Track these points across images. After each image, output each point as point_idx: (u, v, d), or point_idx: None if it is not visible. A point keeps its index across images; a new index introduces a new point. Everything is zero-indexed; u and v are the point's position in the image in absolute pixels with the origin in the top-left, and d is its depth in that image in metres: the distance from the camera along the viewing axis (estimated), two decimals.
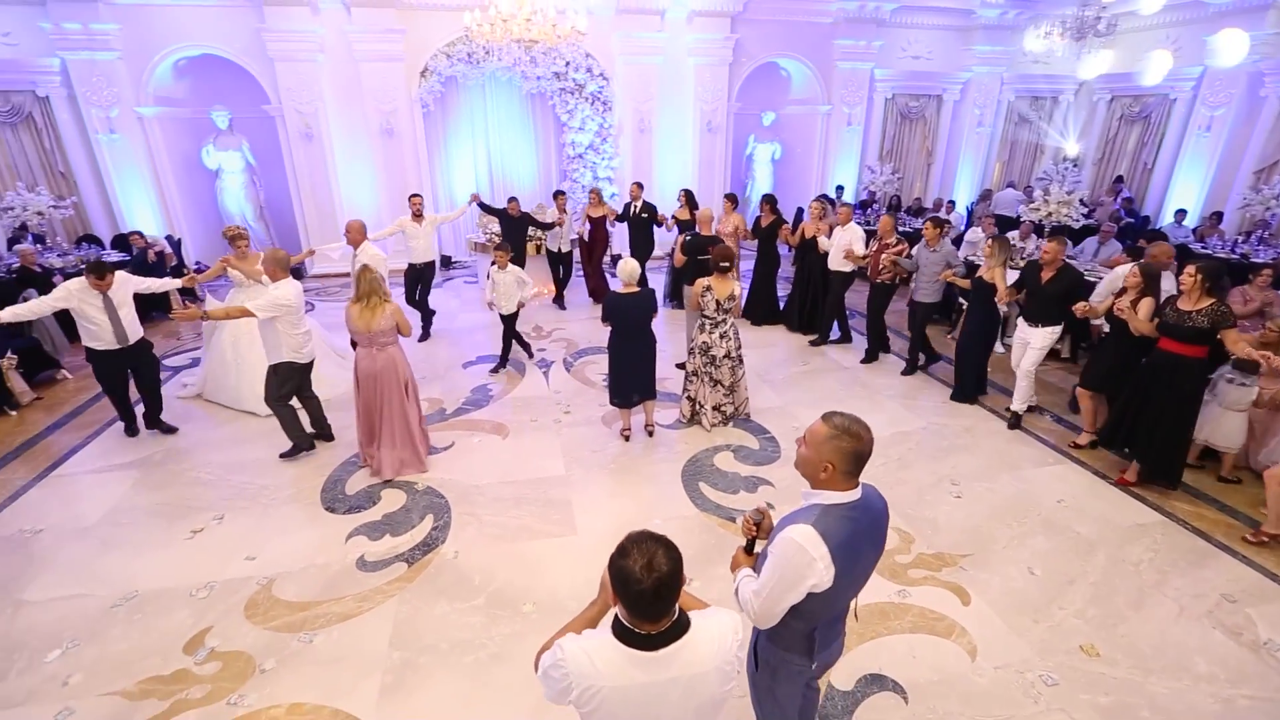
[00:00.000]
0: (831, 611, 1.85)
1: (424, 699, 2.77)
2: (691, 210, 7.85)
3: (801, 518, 1.73)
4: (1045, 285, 4.85)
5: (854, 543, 1.73)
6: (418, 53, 9.43)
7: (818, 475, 1.75)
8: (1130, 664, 2.97)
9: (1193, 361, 3.95)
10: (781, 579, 1.70)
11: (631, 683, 1.42)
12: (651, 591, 1.37)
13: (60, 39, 8.23)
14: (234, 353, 5.44)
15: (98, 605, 3.29)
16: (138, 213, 9.16)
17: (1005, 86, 12.39)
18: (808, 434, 1.79)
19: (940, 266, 5.83)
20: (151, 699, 2.76)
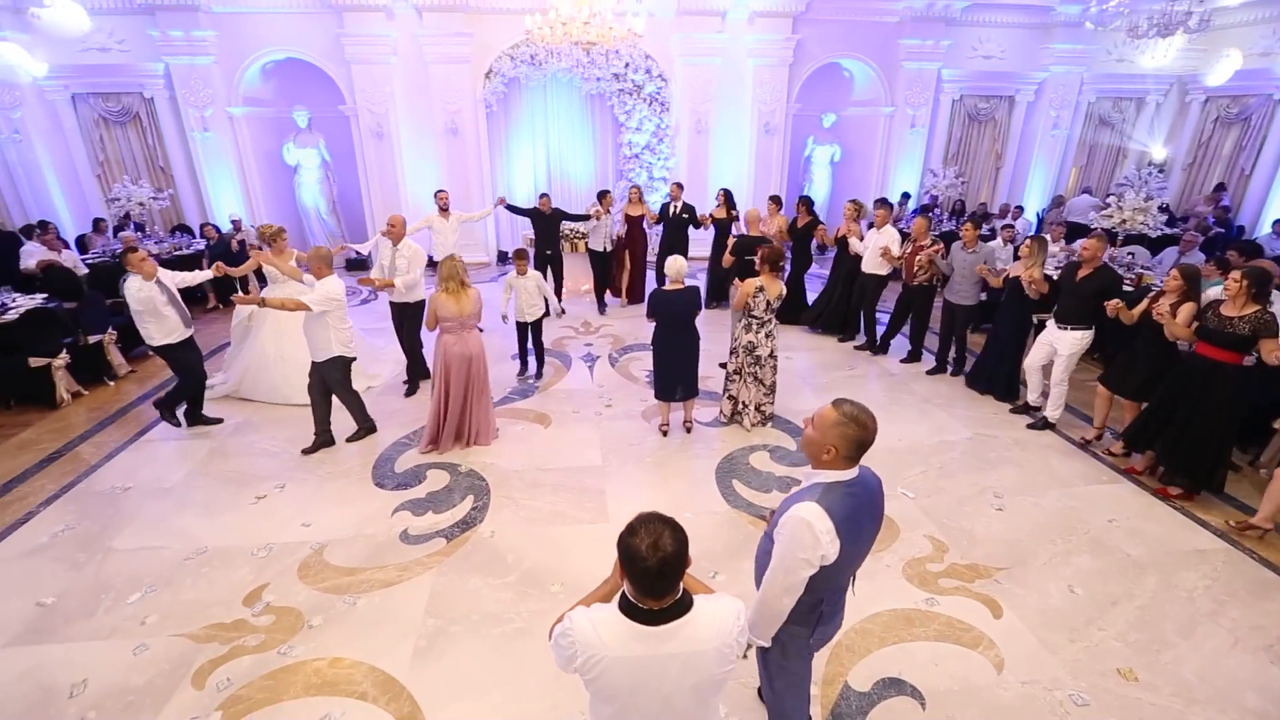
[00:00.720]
0: (836, 583, 1.98)
1: (452, 664, 2.94)
2: (729, 210, 7.88)
3: (806, 496, 1.84)
4: (1080, 283, 4.74)
5: (856, 517, 1.86)
6: (483, 55, 9.79)
7: (820, 457, 1.86)
8: (1171, 691, 2.83)
9: (1229, 368, 3.87)
10: (794, 554, 1.81)
11: (632, 655, 1.51)
12: (656, 570, 1.45)
13: (165, 45, 9.00)
14: (276, 348, 5.50)
15: (173, 557, 3.64)
16: (224, 205, 9.88)
17: (1086, 87, 11.76)
18: (816, 417, 1.89)
19: (974, 267, 5.77)
20: (214, 643, 3.04)
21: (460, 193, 10.19)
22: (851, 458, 1.85)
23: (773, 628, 1.99)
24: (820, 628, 2.06)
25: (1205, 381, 3.95)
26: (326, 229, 10.59)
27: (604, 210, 8.07)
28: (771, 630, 2.00)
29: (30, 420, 5.32)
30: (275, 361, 5.48)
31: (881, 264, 6.54)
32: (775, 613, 1.94)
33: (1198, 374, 3.99)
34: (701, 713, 1.62)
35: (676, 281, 4.78)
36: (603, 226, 8.08)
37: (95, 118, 9.58)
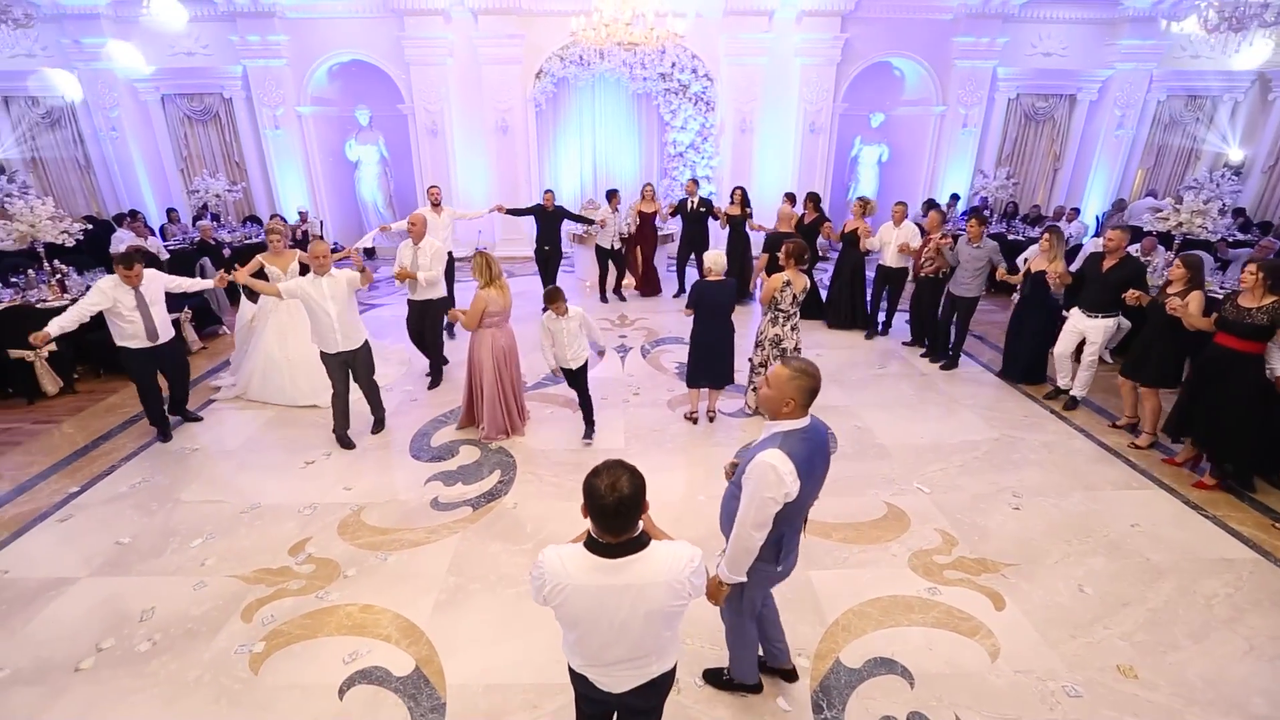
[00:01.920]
0: (796, 519, 2.27)
1: (468, 617, 3.19)
2: (744, 208, 8.03)
3: (768, 444, 2.09)
4: (1106, 274, 4.94)
5: (811, 458, 2.15)
6: (534, 56, 10.14)
7: (780, 410, 2.11)
8: (1171, 691, 2.82)
9: (1249, 358, 3.98)
10: (763, 494, 2.06)
11: (591, 583, 1.70)
12: (613, 507, 1.64)
13: (244, 49, 9.71)
14: (281, 350, 5.44)
15: (230, 510, 4.04)
16: (291, 197, 10.57)
17: (1155, 85, 11.21)
18: (770, 377, 2.12)
19: (982, 262, 5.86)
20: (261, 585, 3.39)
21: (508, 189, 10.60)
22: (805, 406, 2.13)
23: (747, 562, 2.22)
24: (784, 561, 2.36)
25: (1228, 371, 4.05)
26: (382, 221, 11.14)
27: (611, 210, 8.17)
28: (746, 565, 2.23)
29: (116, 387, 5.91)
30: (281, 363, 5.45)
31: (903, 258, 6.74)
32: (748, 548, 2.18)
33: (1221, 362, 4.09)
34: (653, 641, 1.81)
35: (715, 274, 4.92)
36: (611, 224, 8.17)
37: (181, 116, 10.42)
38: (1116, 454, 4.81)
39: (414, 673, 2.87)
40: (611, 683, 1.89)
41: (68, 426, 5.20)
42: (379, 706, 2.71)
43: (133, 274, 4.51)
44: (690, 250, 8.50)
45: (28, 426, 5.22)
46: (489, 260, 4.64)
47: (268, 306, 5.54)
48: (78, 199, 10.60)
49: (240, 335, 5.82)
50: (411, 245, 5.62)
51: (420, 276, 5.55)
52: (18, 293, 6.05)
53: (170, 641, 3.03)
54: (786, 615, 3.18)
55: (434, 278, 5.64)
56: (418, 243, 5.62)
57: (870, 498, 4.25)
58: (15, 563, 3.60)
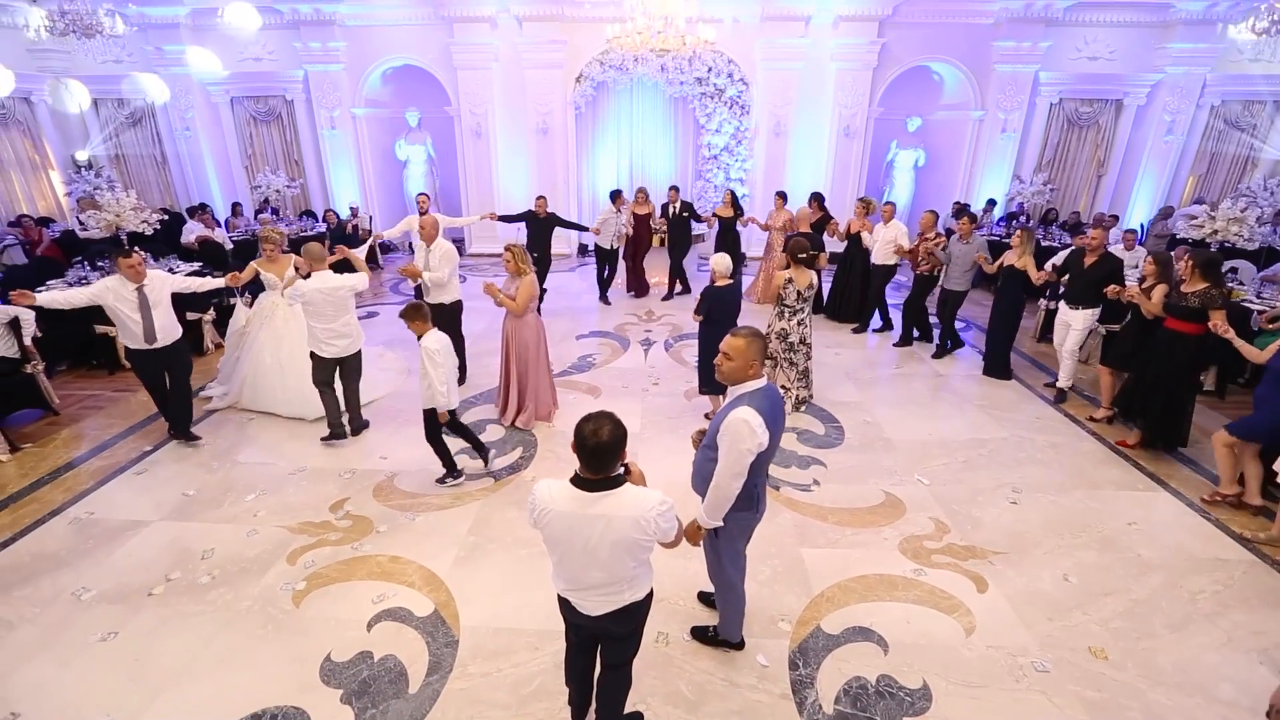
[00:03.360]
0: (763, 468, 2.56)
1: (483, 571, 3.54)
2: (734, 209, 8.35)
3: (737, 404, 2.40)
4: (1088, 270, 5.39)
5: (772, 412, 2.45)
6: (575, 60, 10.52)
7: (746, 374, 2.43)
8: (1139, 673, 2.94)
9: (1189, 338, 4.54)
10: (739, 448, 2.35)
11: (570, 510, 2.02)
12: (592, 449, 1.95)
13: (306, 55, 10.40)
14: (274, 356, 5.30)
15: (281, 471, 4.51)
16: (344, 194, 11.23)
17: (1209, 89, 10.89)
18: (729, 349, 2.42)
19: (971, 258, 6.20)
20: (304, 535, 3.82)
21: (548, 189, 10.95)
22: (761, 362, 2.47)
23: (723, 510, 2.52)
24: (758, 508, 2.68)
25: (1170, 349, 4.63)
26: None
27: (615, 211, 8.28)
28: (722, 512, 2.53)
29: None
30: (273, 370, 5.30)
31: (890, 255, 7.13)
32: (726, 496, 2.47)
33: (1164, 344, 4.67)
34: (621, 569, 2.10)
35: (723, 277, 5.13)
36: (611, 225, 8.24)
37: (247, 117, 11.20)
38: (1124, 457, 4.85)
39: (433, 614, 3.22)
40: (590, 606, 2.19)
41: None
42: (401, 639, 3.07)
43: (132, 262, 4.39)
44: (677, 250, 8.78)
45: (109, 394, 5.84)
46: (524, 251, 4.96)
47: (262, 313, 5.44)
48: (153, 192, 11.49)
49: (231, 343, 5.67)
50: (424, 246, 5.59)
51: (426, 277, 5.46)
52: (102, 276, 6.73)
53: (226, 576, 3.47)
54: (775, 586, 3.45)
55: (440, 279, 5.50)
56: (430, 244, 5.56)
57: (870, 486, 4.42)
58: (99, 507, 4.13)
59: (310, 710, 2.70)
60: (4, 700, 2.73)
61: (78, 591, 3.36)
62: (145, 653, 2.98)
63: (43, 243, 8.90)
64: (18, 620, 3.18)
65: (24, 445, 4.86)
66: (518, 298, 4.89)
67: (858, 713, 2.72)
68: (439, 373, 3.93)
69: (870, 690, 2.83)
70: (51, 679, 2.84)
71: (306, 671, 2.88)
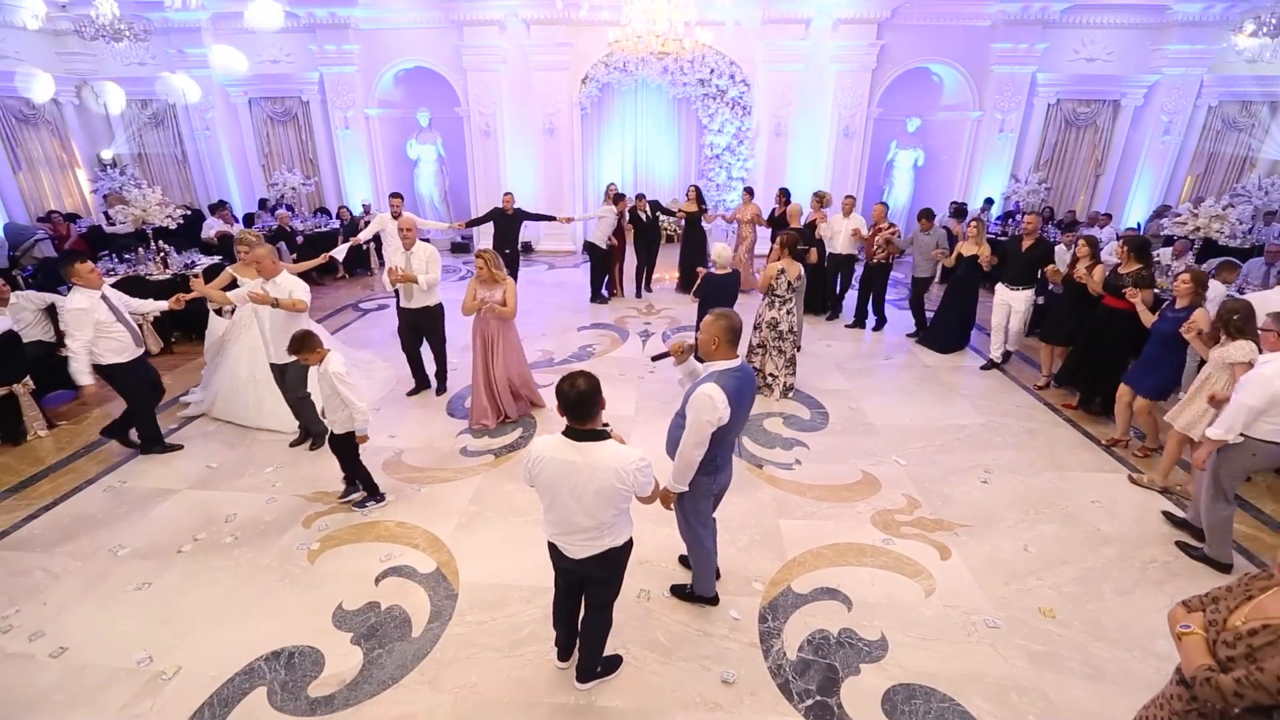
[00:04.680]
0: (726, 441, 2.80)
1: (481, 536, 3.84)
2: (699, 205, 8.72)
3: (706, 380, 2.67)
4: (1024, 252, 6.02)
5: (739, 392, 2.68)
6: (580, 63, 10.82)
7: (711, 349, 2.70)
8: (1083, 630, 3.18)
9: (1122, 314, 5.08)
10: (701, 417, 2.62)
11: (558, 457, 2.31)
12: (573, 399, 2.25)
13: (321, 57, 10.77)
14: (249, 369, 5.12)
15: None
16: (357, 191, 11.60)
17: (1206, 90, 11.01)
18: (701, 325, 2.71)
19: (932, 247, 6.73)
20: (319, 503, 4.15)
21: (554, 187, 11.35)
22: (731, 345, 2.71)
23: (688, 475, 2.79)
24: (718, 475, 2.94)
25: (1106, 324, 5.24)
26: (437, 215, 12.07)
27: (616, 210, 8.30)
28: (688, 477, 2.80)
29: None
30: (247, 383, 5.13)
31: (852, 244, 7.67)
32: (689, 462, 2.74)
33: (1102, 320, 5.29)
34: (603, 516, 2.39)
35: (723, 267, 5.43)
36: (606, 224, 8.26)
37: (264, 117, 11.59)
38: (1097, 442, 5.07)
39: (435, 572, 3.52)
40: (575, 550, 2.48)
41: (168, 378, 6.04)
42: (405, 592, 3.37)
43: (85, 268, 4.17)
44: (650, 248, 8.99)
45: None
46: (495, 255, 4.86)
47: (240, 323, 5.23)
48: (174, 190, 11.88)
49: (210, 352, 5.53)
50: (403, 251, 5.30)
51: (422, 280, 5.24)
52: (130, 267, 7.11)
53: (248, 538, 3.79)
54: (751, 552, 3.72)
55: (434, 281, 5.34)
56: (409, 248, 5.29)
57: (849, 466, 4.67)
58: (130, 477, 4.47)
59: (324, 650, 3.00)
60: (54, 637, 3.06)
61: (114, 548, 3.70)
62: (176, 601, 3.30)
63: (70, 237, 9.32)
64: (62, 572, 3.51)
65: (60, 422, 5.23)
66: (508, 303, 4.85)
67: (818, 659, 2.99)
68: (355, 393, 3.76)
69: (832, 641, 3.09)
70: (94, 620, 3.17)
71: (320, 618, 3.19)
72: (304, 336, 3.77)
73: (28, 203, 10.49)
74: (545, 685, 2.84)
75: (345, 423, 3.83)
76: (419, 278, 5.25)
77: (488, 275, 4.82)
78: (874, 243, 7.28)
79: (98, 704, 2.72)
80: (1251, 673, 1.58)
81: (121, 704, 2.72)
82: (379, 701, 2.76)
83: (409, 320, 5.54)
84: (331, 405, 3.80)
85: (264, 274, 4.46)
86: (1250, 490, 4.39)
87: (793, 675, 2.90)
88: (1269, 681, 1.51)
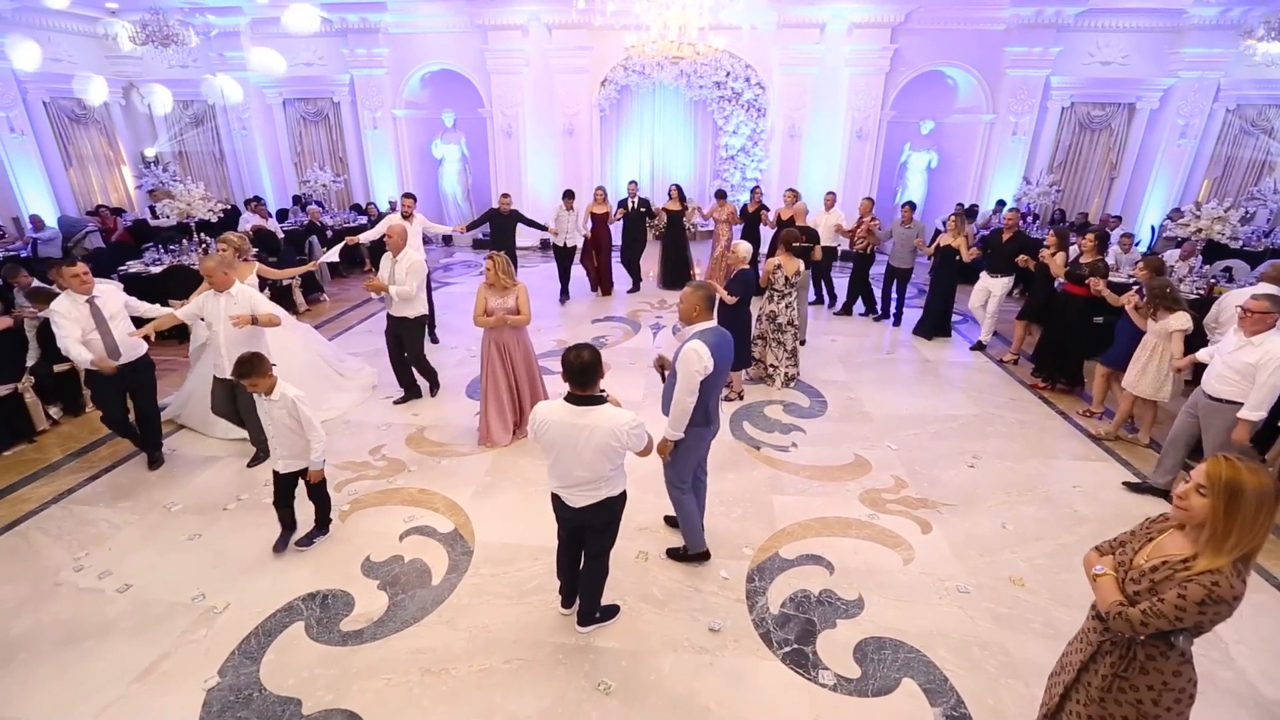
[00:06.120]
0: (713, 392, 3.18)
1: (496, 502, 4.18)
2: (681, 203, 8.99)
3: (690, 339, 3.06)
4: (1005, 244, 6.68)
5: (719, 346, 3.11)
6: (600, 65, 11.18)
7: (692, 316, 3.10)
8: (1050, 597, 3.42)
9: (1080, 299, 5.73)
10: (690, 370, 3.00)
11: (563, 420, 2.64)
12: (578, 368, 2.57)
13: (352, 60, 11.27)
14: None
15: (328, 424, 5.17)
16: (384, 189, 12.08)
17: (1223, 93, 11.01)
18: (681, 299, 3.09)
19: (912, 239, 7.16)
20: (348, 470, 4.52)
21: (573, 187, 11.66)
22: (709, 310, 3.16)
23: (683, 422, 3.14)
24: (711, 425, 3.30)
25: (1066, 308, 5.92)
26: (460, 213, 12.52)
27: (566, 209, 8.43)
28: (683, 425, 3.15)
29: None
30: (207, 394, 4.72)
31: (835, 237, 8.19)
32: (684, 410, 3.10)
33: (1061, 303, 6.01)
34: (601, 469, 2.71)
35: (742, 261, 5.65)
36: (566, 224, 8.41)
37: (297, 117, 12.14)
38: (1087, 434, 5.26)
39: (453, 532, 3.87)
40: (576, 500, 2.80)
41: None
42: (426, 548, 3.72)
43: (76, 271, 4.02)
44: (633, 247, 9.16)
45: (180, 359, 6.63)
46: (507, 261, 4.69)
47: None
48: (212, 186, 12.44)
49: (194, 356, 5.47)
50: (391, 257, 5.24)
51: (391, 290, 5.12)
52: (175, 257, 7.60)
53: None
54: (744, 522, 4.02)
55: (407, 293, 5.15)
56: (396, 255, 5.22)
57: (843, 450, 4.93)
58: (180, 445, 4.91)
59: (354, 594, 3.37)
60: (119, 575, 3.47)
61: (168, 505, 4.11)
62: (223, 549, 3.69)
63: (117, 230, 9.90)
64: (123, 523, 3.93)
65: None
66: (522, 309, 4.66)
67: (798, 614, 3.27)
68: (317, 418, 3.46)
69: (812, 599, 3.37)
70: (153, 564, 3.57)
71: (351, 567, 3.55)
72: (255, 360, 3.28)
73: (77, 197, 11.13)
74: (549, 628, 3.17)
75: (305, 454, 3.47)
76: (389, 288, 5.12)
77: (496, 280, 4.59)
78: (857, 234, 7.81)
79: (160, 630, 3.11)
80: (1154, 604, 1.82)
81: (180, 630, 3.11)
82: (402, 636, 3.10)
83: (392, 327, 5.40)
84: (287, 440, 3.40)
85: (215, 286, 4.16)
86: None
87: (774, 627, 3.19)
88: (1168, 610, 1.75)
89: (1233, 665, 3.02)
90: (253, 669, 2.91)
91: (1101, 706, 1.96)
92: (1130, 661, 1.90)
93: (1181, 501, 1.80)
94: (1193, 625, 1.73)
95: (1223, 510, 1.68)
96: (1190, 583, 1.71)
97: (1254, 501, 1.65)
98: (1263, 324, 3.71)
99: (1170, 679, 1.84)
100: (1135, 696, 1.89)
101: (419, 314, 5.38)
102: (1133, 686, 1.89)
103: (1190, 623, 1.72)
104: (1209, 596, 1.66)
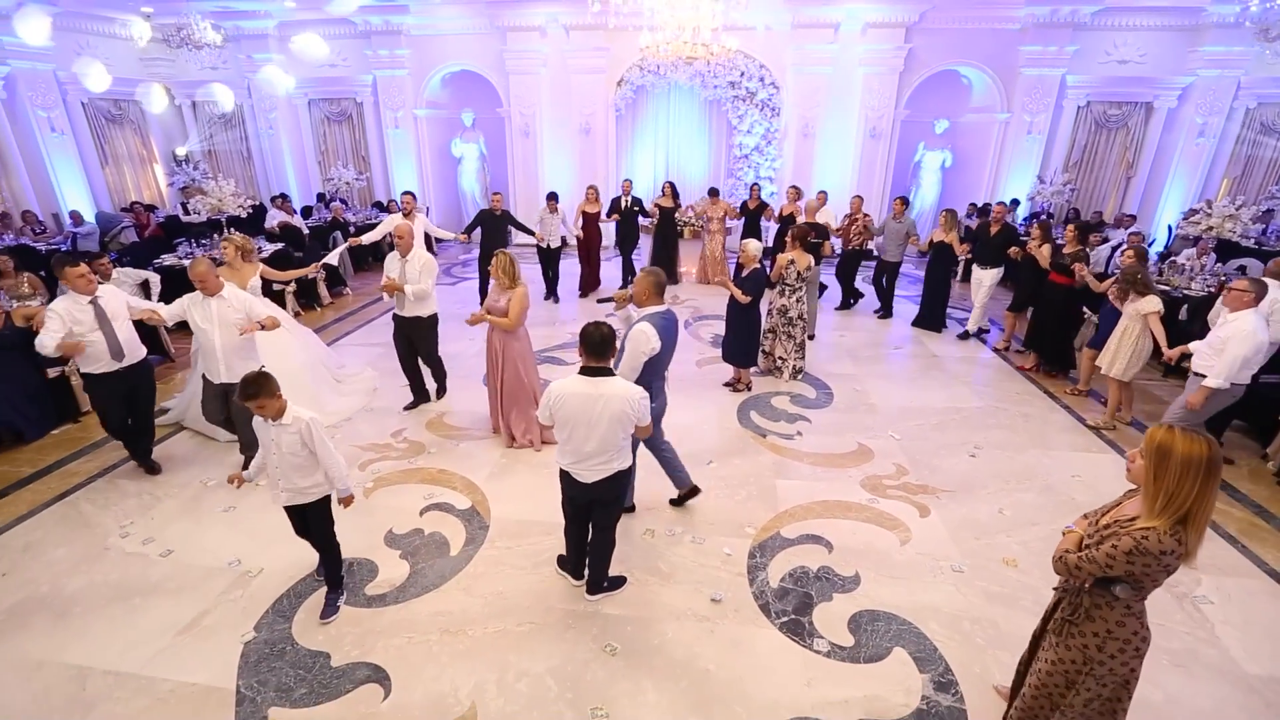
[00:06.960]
0: (658, 371, 3.51)
1: (511, 482, 4.39)
2: (674, 200, 9.12)
3: (639, 322, 3.30)
4: (993, 237, 6.98)
5: (666, 328, 3.43)
6: (616, 66, 11.37)
7: (644, 299, 3.40)
8: (1041, 577, 3.54)
9: (1063, 288, 6.12)
10: (637, 350, 3.25)
11: (579, 391, 2.84)
12: (597, 340, 2.80)
13: (375, 61, 11.58)
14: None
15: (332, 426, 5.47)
16: (404, 187, 12.36)
17: (1243, 92, 10.92)
18: (634, 285, 3.35)
19: (903, 234, 7.35)
20: (371, 452, 4.76)
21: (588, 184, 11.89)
22: (659, 295, 3.48)
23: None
24: (656, 401, 3.52)
25: (1051, 296, 6.25)
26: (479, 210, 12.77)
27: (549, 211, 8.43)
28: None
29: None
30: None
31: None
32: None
33: (1048, 291, 6.31)
34: (612, 440, 2.90)
35: (752, 260, 5.79)
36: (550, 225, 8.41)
37: (322, 117, 12.49)
38: (1090, 428, 5.34)
39: (470, 508, 4.08)
40: (586, 475, 2.99)
41: None
42: (445, 522, 3.94)
43: (80, 272, 3.93)
44: (627, 244, 9.29)
45: None
46: (513, 260, 4.63)
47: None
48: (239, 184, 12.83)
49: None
50: (399, 258, 5.12)
51: (408, 289, 5.05)
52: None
53: None
54: (748, 504, 4.19)
55: (423, 292, 5.10)
56: (405, 255, 5.10)
57: (847, 438, 5.07)
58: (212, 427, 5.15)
59: (378, 562, 3.59)
60: (161, 542, 3.73)
61: (204, 480, 4.38)
62: (257, 521, 3.94)
63: (150, 225, 10.29)
64: (164, 496, 4.20)
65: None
66: (510, 313, 4.53)
67: (797, 588, 3.43)
68: (331, 444, 3.05)
69: (811, 575, 3.53)
70: (192, 533, 3.83)
71: (374, 539, 3.78)
72: (262, 380, 2.84)
73: (112, 194, 11.56)
74: (560, 596, 3.36)
75: (324, 485, 3.09)
76: (405, 287, 5.03)
77: (495, 275, 4.58)
78: (850, 230, 8.01)
79: (201, 590, 3.36)
80: (1090, 551, 1.97)
81: (219, 591, 3.35)
82: (422, 601, 3.32)
83: (402, 329, 5.30)
84: (292, 470, 2.96)
85: (206, 291, 3.99)
86: (1232, 473, 4.63)
87: (773, 599, 3.35)
88: (1100, 557, 1.90)
89: (1218, 644, 3.13)
90: (285, 626, 3.14)
91: (1056, 651, 2.13)
92: (1078, 608, 2.07)
93: (1130, 465, 1.96)
94: (1123, 573, 1.87)
95: (1152, 472, 1.83)
96: (1124, 535, 1.86)
97: (1179, 465, 1.78)
98: (1240, 302, 4.03)
99: (1114, 628, 1.99)
100: (1082, 642, 2.05)
101: (431, 312, 5.29)
102: (1080, 633, 2.05)
103: (1120, 570, 1.86)
104: (1136, 548, 1.81)
